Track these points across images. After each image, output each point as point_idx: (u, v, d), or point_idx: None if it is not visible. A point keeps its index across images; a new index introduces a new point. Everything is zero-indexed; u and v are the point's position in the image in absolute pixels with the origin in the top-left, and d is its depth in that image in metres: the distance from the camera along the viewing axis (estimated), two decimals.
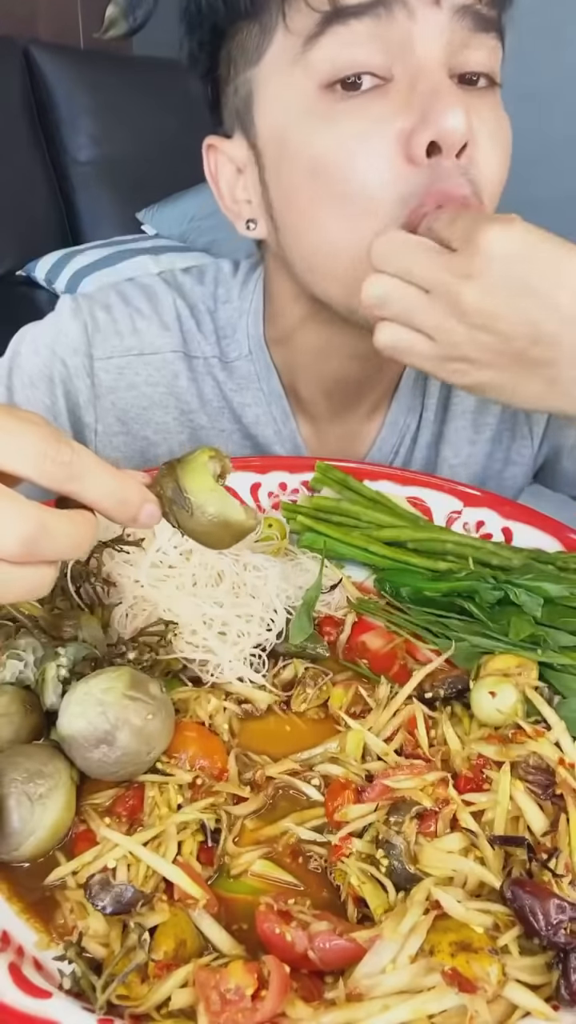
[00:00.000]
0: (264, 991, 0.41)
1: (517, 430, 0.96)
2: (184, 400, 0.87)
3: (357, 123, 0.63)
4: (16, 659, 0.56)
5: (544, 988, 0.43)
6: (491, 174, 0.66)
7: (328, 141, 0.64)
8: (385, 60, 0.63)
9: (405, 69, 0.63)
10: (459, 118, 0.60)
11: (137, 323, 0.86)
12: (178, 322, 0.86)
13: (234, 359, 0.87)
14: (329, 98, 0.64)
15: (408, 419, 0.92)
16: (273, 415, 0.88)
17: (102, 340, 0.84)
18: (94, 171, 2.93)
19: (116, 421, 0.86)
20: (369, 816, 0.51)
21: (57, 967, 0.45)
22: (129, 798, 0.53)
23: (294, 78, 0.65)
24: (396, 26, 0.61)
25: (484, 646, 0.65)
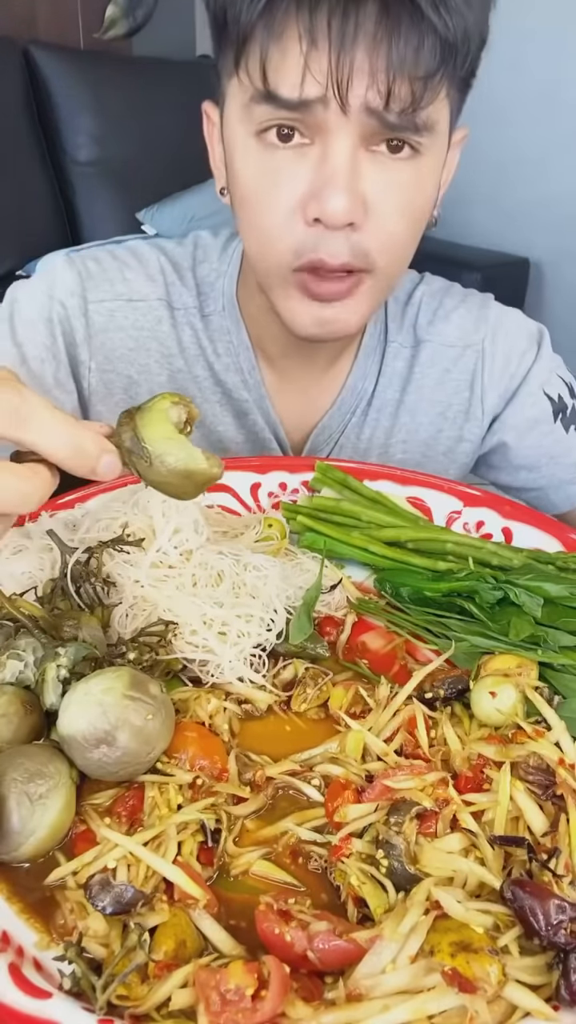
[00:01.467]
0: (264, 991, 0.41)
1: (471, 411, 1.02)
2: (165, 344, 0.96)
3: (275, 176, 0.73)
4: (16, 659, 0.56)
5: (544, 988, 0.43)
6: (382, 241, 0.75)
7: (254, 178, 0.75)
8: (305, 131, 0.71)
9: (321, 144, 0.71)
10: (338, 203, 0.70)
11: (126, 274, 0.95)
12: (162, 275, 0.96)
13: (209, 312, 0.96)
14: (264, 142, 0.72)
15: (365, 384, 1.00)
16: (241, 365, 0.96)
17: (95, 285, 0.93)
18: (94, 171, 2.93)
19: (106, 360, 0.94)
20: (369, 816, 0.51)
21: (57, 967, 0.45)
22: (129, 798, 0.53)
23: (243, 116, 0.73)
24: (314, 115, 0.69)
25: (484, 646, 0.65)
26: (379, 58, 0.66)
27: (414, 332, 1.01)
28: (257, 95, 0.70)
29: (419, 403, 1.01)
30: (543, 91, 2.73)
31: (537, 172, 2.87)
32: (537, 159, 2.84)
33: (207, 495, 0.83)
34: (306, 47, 0.66)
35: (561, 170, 2.81)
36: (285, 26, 0.66)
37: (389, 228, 0.74)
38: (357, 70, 0.66)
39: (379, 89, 0.67)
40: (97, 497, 0.78)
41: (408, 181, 0.74)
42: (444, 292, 1.03)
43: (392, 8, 0.64)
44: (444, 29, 0.66)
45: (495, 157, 2.88)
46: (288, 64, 0.67)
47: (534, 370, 1.00)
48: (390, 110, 0.68)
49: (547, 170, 2.85)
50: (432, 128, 0.72)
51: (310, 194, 0.71)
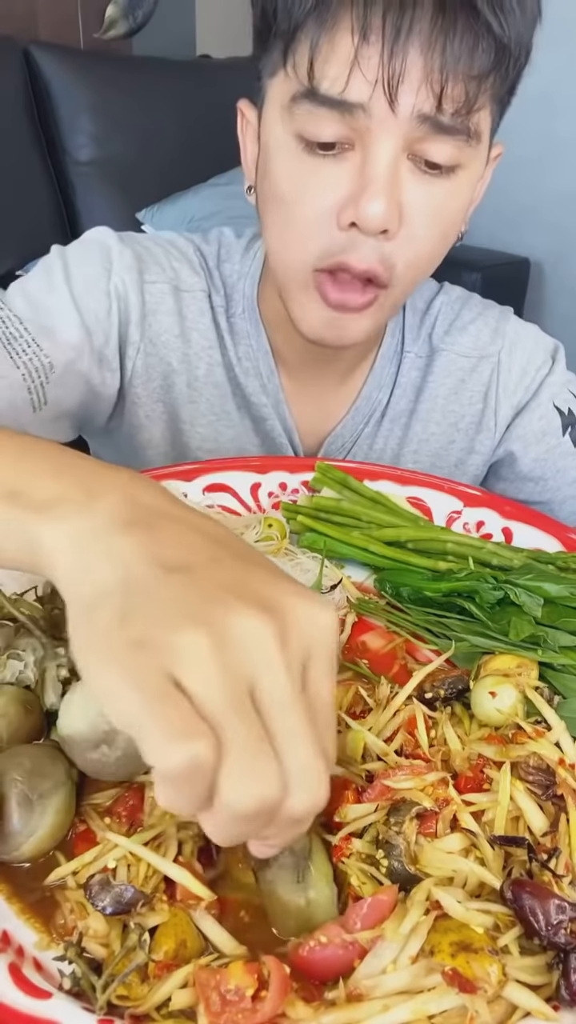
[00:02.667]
0: (264, 991, 0.41)
1: (484, 422, 1.01)
2: (205, 337, 0.95)
3: (313, 179, 0.72)
4: (16, 659, 0.56)
5: (544, 988, 0.43)
6: (412, 255, 0.75)
7: (291, 179, 0.74)
8: (348, 136, 0.70)
9: (362, 149, 0.70)
10: (376, 208, 0.69)
11: (173, 262, 0.94)
12: (203, 269, 0.95)
13: (232, 314, 0.95)
14: (304, 145, 0.72)
15: (380, 394, 0.99)
16: (260, 369, 0.96)
17: (148, 267, 0.92)
18: (94, 171, 2.92)
19: (151, 343, 0.93)
20: (369, 816, 0.51)
21: (57, 967, 0.45)
22: (129, 798, 0.53)
23: (284, 116, 0.73)
24: (357, 120, 0.68)
25: (484, 646, 0.65)
26: (434, 56, 0.65)
27: (430, 341, 1.00)
28: (301, 91, 0.69)
29: (432, 413, 1.00)
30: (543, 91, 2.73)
31: (537, 172, 2.87)
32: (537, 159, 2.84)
33: (207, 495, 0.83)
34: (357, 41, 0.65)
35: (561, 170, 2.81)
36: (338, 18, 0.65)
37: (420, 241, 0.74)
38: (410, 67, 0.65)
39: (432, 89, 0.66)
40: None
41: (445, 195, 0.73)
42: (463, 302, 1.02)
43: (448, 6, 0.64)
44: (500, 30, 0.65)
45: None
46: (337, 57, 0.66)
47: (547, 383, 0.99)
48: (443, 111, 0.67)
49: (547, 170, 2.85)
50: (479, 138, 0.72)
51: (348, 199, 0.71)
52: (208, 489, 0.84)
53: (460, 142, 0.70)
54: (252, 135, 0.82)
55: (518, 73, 0.72)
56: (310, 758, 0.36)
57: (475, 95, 0.67)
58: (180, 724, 0.33)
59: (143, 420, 0.96)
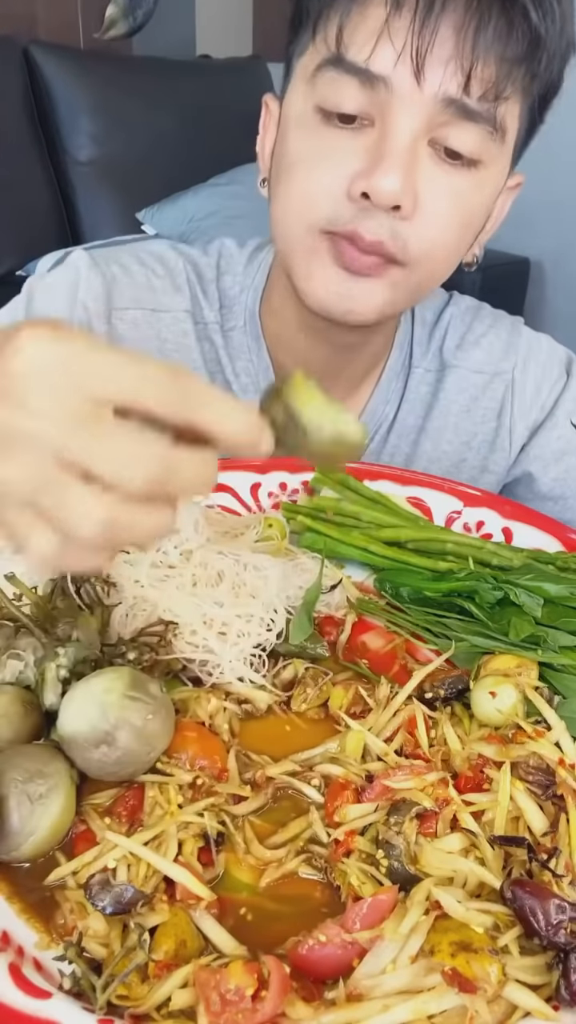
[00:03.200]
0: (264, 991, 0.41)
1: (498, 442, 0.99)
2: (188, 358, 0.92)
3: (329, 150, 0.71)
4: (16, 659, 0.56)
5: (544, 988, 0.43)
6: (425, 241, 0.72)
7: (307, 148, 0.72)
8: (368, 111, 0.69)
9: (382, 125, 0.68)
10: (391, 183, 0.67)
11: (153, 281, 0.91)
12: (188, 286, 0.92)
13: (231, 328, 0.93)
14: (323, 117, 0.70)
15: (387, 409, 0.97)
16: (260, 385, 0.93)
17: (119, 293, 0.89)
18: (94, 171, 2.93)
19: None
20: (369, 816, 0.51)
21: (57, 967, 0.45)
22: (129, 798, 0.53)
23: (306, 89, 0.72)
24: (379, 94, 0.67)
25: (484, 646, 0.65)
26: (466, 36, 0.63)
27: (440, 356, 0.97)
28: (328, 58, 0.67)
29: (443, 431, 0.98)
30: None
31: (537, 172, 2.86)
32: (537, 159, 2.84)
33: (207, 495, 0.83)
34: (389, 10, 0.64)
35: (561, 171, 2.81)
36: None
37: (435, 230, 0.72)
38: (440, 42, 0.63)
39: (461, 66, 0.64)
40: None
41: (465, 190, 0.71)
42: (473, 315, 0.99)
43: None
44: (537, 18, 0.64)
45: None
46: (367, 25, 0.65)
47: (563, 400, 0.97)
48: (470, 93, 0.65)
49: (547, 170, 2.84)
50: (503, 134, 0.69)
51: (361, 172, 0.68)
52: None
53: (484, 132, 0.68)
54: (273, 126, 0.81)
55: (552, 75, 0.70)
56: None
57: (505, 80, 0.65)
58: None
59: None
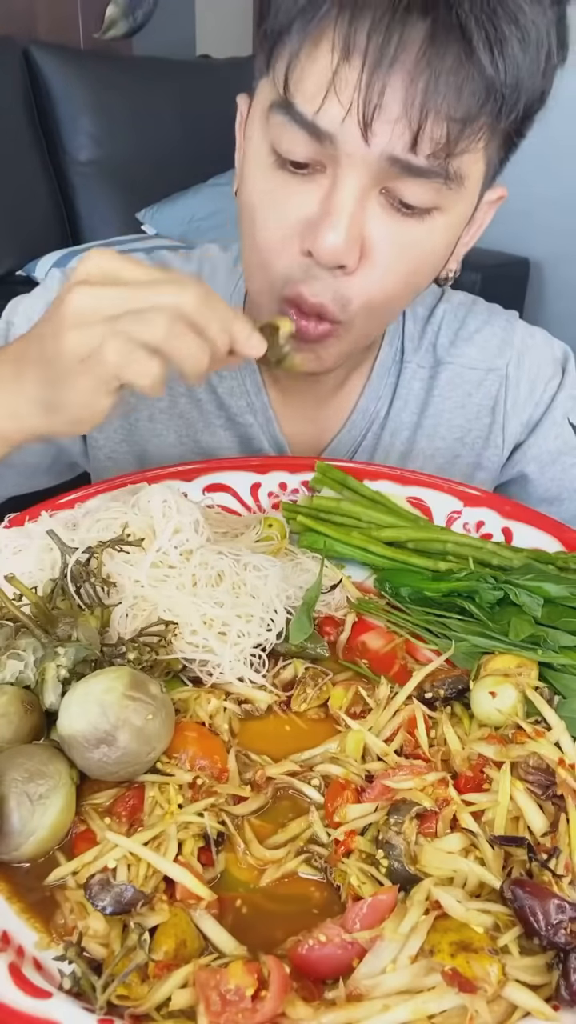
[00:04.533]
0: (264, 991, 0.41)
1: (491, 438, 0.98)
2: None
3: (281, 195, 0.69)
4: (16, 659, 0.56)
5: (544, 988, 0.43)
6: (371, 294, 0.71)
7: (263, 186, 0.71)
8: (319, 159, 0.66)
9: (332, 175, 0.66)
10: (333, 241, 0.66)
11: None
12: None
13: None
14: (277, 160, 0.69)
15: (378, 406, 0.96)
16: (246, 387, 0.93)
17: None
18: (94, 171, 2.92)
19: None
20: (369, 816, 0.51)
21: (57, 967, 0.45)
22: (129, 798, 0.53)
23: (262, 122, 0.70)
24: (326, 148, 0.65)
25: (484, 646, 0.65)
26: (415, 90, 0.59)
27: (434, 352, 0.96)
28: (277, 101, 0.65)
29: (437, 427, 0.97)
30: None
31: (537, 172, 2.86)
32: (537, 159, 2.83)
33: (207, 495, 0.83)
34: (338, 59, 0.60)
35: (561, 171, 2.81)
36: (321, 31, 0.61)
37: (380, 283, 0.70)
38: (389, 99, 0.60)
39: (409, 125, 0.61)
40: (97, 497, 0.78)
41: (417, 240, 0.70)
42: (467, 310, 0.98)
43: (439, 37, 0.58)
44: (493, 72, 0.60)
45: None
46: (314, 73, 0.62)
47: (559, 398, 0.96)
48: (418, 152, 0.62)
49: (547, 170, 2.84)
50: (460, 182, 0.66)
51: (310, 223, 0.68)
52: (208, 489, 0.84)
53: (437, 184, 0.65)
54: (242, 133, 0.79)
55: (523, 118, 0.67)
56: None
57: (457, 138, 0.62)
58: None
59: (105, 462, 0.95)
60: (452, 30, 0.58)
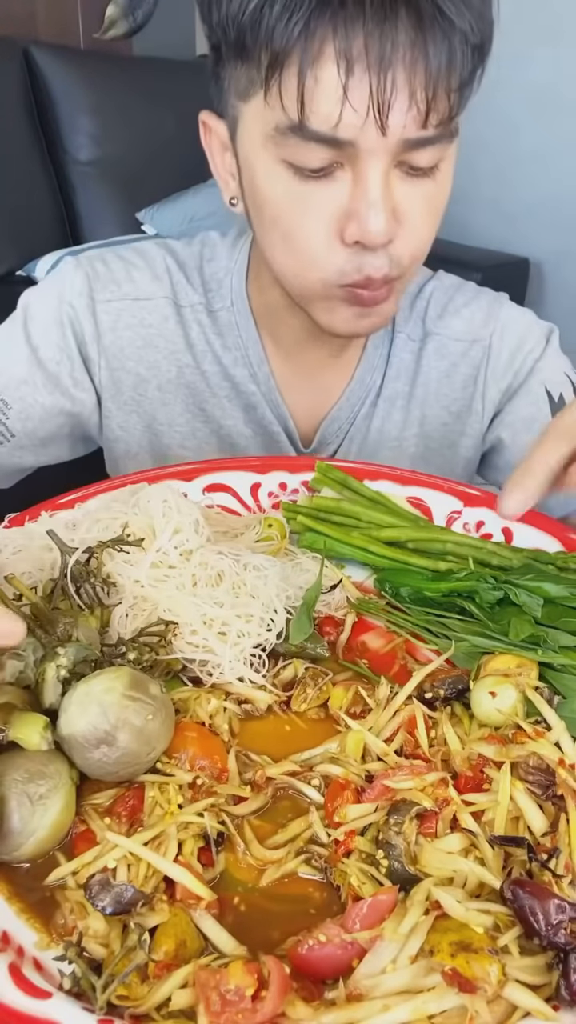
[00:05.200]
0: (264, 991, 0.41)
1: (473, 406, 1.02)
2: (172, 341, 0.97)
3: (307, 201, 0.73)
4: (16, 659, 0.56)
5: (544, 988, 0.43)
6: (414, 248, 0.77)
7: (284, 198, 0.74)
8: (337, 159, 0.70)
9: (352, 167, 0.71)
10: (378, 228, 0.71)
11: (132, 273, 0.97)
12: (168, 274, 0.97)
13: (218, 309, 0.97)
14: (293, 170, 0.72)
15: (374, 376, 1.00)
16: (250, 359, 0.97)
17: (102, 286, 0.95)
18: (94, 171, 2.92)
19: (114, 357, 0.96)
20: (369, 816, 0.51)
21: (57, 967, 0.45)
22: (129, 798, 0.53)
23: (265, 143, 0.72)
24: (346, 150, 0.69)
25: (484, 646, 0.65)
26: (417, 75, 0.65)
27: (423, 325, 1.01)
28: (289, 125, 0.68)
29: (427, 396, 1.01)
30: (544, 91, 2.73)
31: (537, 172, 2.87)
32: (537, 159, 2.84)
33: (207, 495, 0.83)
34: (344, 73, 0.64)
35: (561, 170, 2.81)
36: (322, 51, 0.64)
37: (419, 235, 0.76)
38: (398, 92, 0.65)
39: (419, 108, 0.66)
40: (97, 497, 0.78)
41: (434, 192, 0.76)
42: (456, 288, 1.03)
43: (425, 21, 0.63)
44: (471, 33, 0.65)
45: (496, 157, 2.88)
46: (325, 92, 0.65)
47: (538, 367, 0.99)
48: (428, 127, 0.68)
49: (547, 170, 2.85)
50: (458, 131, 0.72)
51: (346, 216, 0.72)
52: (208, 489, 0.84)
53: (443, 144, 0.72)
54: (220, 147, 0.82)
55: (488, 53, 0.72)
56: None
57: (458, 103, 0.68)
58: None
59: (117, 431, 0.99)
60: (431, 11, 0.63)
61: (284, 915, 0.49)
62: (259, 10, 0.64)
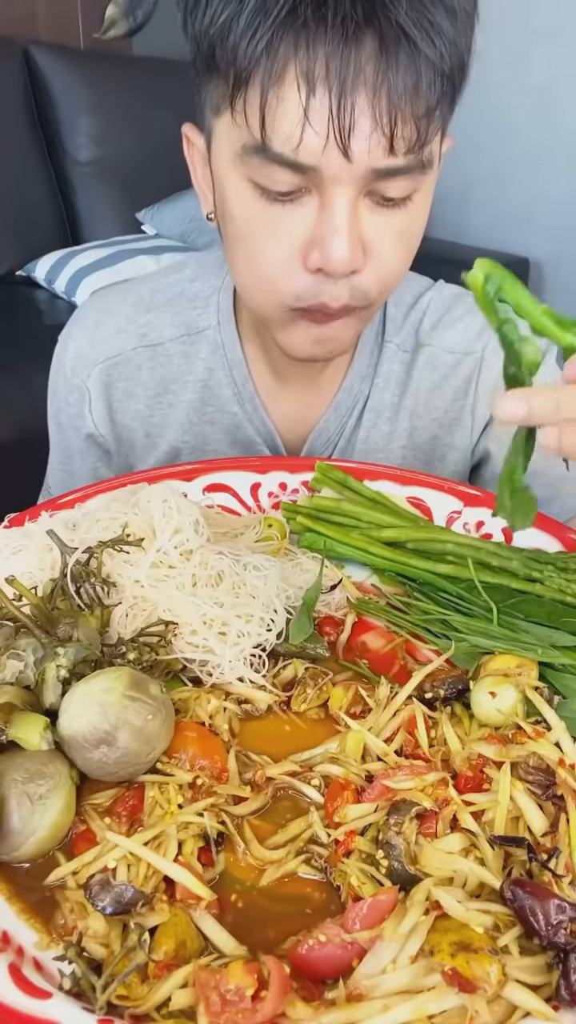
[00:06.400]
0: (264, 991, 0.41)
1: (462, 419, 1.00)
2: (152, 382, 0.98)
3: (273, 223, 0.72)
4: (16, 659, 0.56)
5: (544, 988, 0.43)
6: (382, 280, 0.75)
7: (250, 218, 0.73)
8: (303, 185, 0.69)
9: (319, 194, 0.69)
10: (341, 255, 0.69)
11: (97, 334, 0.97)
12: (132, 322, 0.97)
13: (203, 328, 0.97)
14: (260, 191, 0.70)
15: (362, 386, 0.99)
16: (233, 378, 0.97)
17: (81, 362, 0.97)
18: (94, 171, 2.92)
19: (105, 419, 0.98)
20: (369, 816, 0.51)
21: (57, 967, 0.45)
22: (129, 798, 0.53)
23: (233, 160, 0.71)
24: (310, 176, 0.68)
25: (484, 646, 0.65)
26: (380, 100, 0.63)
27: (415, 335, 0.99)
28: (253, 145, 0.67)
29: (416, 407, 1.00)
30: (542, 92, 2.73)
31: (537, 173, 2.87)
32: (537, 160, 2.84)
33: (207, 495, 0.83)
34: (305, 94, 0.63)
35: (561, 171, 2.81)
36: (285, 70, 0.63)
37: (388, 267, 0.74)
38: (359, 116, 0.64)
39: (383, 132, 0.65)
40: (97, 497, 0.78)
41: (407, 223, 0.74)
42: (454, 299, 1.01)
43: (388, 46, 0.62)
44: (440, 61, 0.63)
45: (495, 158, 2.88)
46: (286, 112, 0.64)
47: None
48: (395, 153, 0.66)
49: (547, 171, 2.85)
50: (431, 163, 0.71)
51: (310, 243, 0.71)
52: (208, 489, 0.84)
53: (414, 175, 0.69)
54: (201, 160, 0.81)
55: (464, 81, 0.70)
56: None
57: (426, 131, 0.66)
58: None
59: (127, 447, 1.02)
60: (396, 36, 0.62)
61: (284, 915, 0.49)
62: (226, 25, 0.63)
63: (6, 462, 1.71)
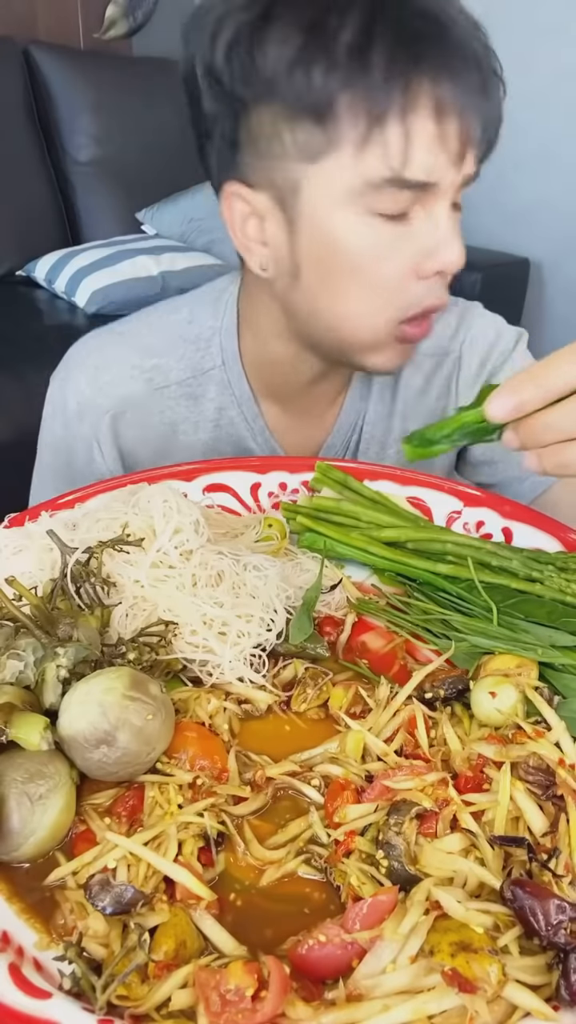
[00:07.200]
0: (264, 991, 0.41)
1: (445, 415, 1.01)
2: (163, 425, 0.97)
3: (389, 244, 0.77)
4: (16, 659, 0.56)
5: (544, 988, 0.43)
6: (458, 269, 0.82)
7: (369, 250, 0.77)
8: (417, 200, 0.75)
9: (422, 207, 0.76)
10: (457, 256, 0.77)
11: (100, 378, 0.95)
12: (135, 369, 0.95)
13: (208, 369, 0.96)
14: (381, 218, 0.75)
15: (360, 404, 1.02)
16: (244, 415, 0.98)
17: (92, 406, 0.95)
18: (94, 171, 2.92)
19: (116, 461, 0.97)
20: (369, 816, 0.51)
21: (57, 967, 0.45)
22: (129, 798, 0.53)
23: (351, 199, 0.74)
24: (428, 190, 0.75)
25: (484, 646, 0.65)
26: (479, 120, 0.73)
27: None
28: (388, 177, 0.72)
29: (407, 411, 1.03)
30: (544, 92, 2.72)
31: (537, 173, 2.86)
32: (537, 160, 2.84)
33: (207, 495, 0.83)
34: (436, 122, 0.70)
35: (561, 170, 2.81)
36: (418, 101, 0.69)
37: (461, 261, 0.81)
38: (473, 136, 0.73)
39: (479, 148, 0.75)
40: (97, 497, 0.78)
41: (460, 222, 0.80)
42: None
43: (486, 72, 0.72)
44: (497, 66, 0.73)
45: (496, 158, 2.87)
46: (421, 141, 0.71)
47: (504, 369, 1.02)
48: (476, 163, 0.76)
49: (547, 171, 2.84)
50: None
51: (424, 253, 0.76)
52: (208, 489, 0.84)
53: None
54: (243, 218, 0.81)
55: None
56: None
57: (496, 136, 0.76)
58: None
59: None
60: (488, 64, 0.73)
61: (284, 915, 0.49)
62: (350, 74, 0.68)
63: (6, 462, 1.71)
